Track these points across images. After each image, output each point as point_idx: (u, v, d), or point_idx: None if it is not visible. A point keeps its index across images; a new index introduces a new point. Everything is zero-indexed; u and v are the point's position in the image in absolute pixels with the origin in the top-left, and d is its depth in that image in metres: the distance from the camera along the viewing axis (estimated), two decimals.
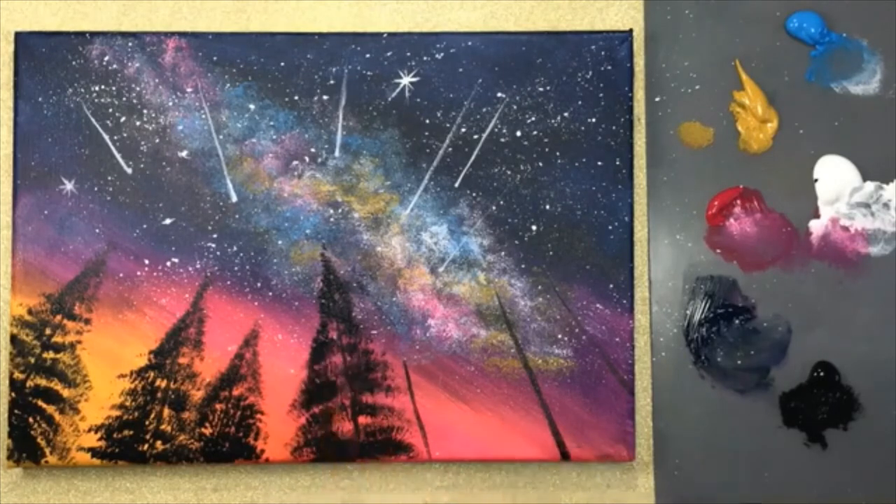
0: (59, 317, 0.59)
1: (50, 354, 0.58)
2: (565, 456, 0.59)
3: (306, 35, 0.60)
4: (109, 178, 0.59)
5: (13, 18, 0.62)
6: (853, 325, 0.61)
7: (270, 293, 0.59)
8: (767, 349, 0.61)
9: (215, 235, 0.59)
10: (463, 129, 0.60)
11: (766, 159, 0.62)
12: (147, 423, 0.58)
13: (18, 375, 0.58)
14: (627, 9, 0.63)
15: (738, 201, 0.62)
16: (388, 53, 0.60)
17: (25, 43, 0.60)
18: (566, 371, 0.59)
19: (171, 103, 0.60)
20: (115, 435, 0.58)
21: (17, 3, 0.62)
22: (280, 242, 0.59)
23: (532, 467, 0.61)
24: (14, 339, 0.58)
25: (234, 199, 0.60)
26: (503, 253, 0.60)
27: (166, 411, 0.58)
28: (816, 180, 0.62)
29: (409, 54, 0.60)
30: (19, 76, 0.60)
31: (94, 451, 0.58)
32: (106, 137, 0.60)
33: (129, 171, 0.60)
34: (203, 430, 0.58)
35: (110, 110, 0.60)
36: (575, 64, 0.60)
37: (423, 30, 0.62)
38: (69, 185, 0.59)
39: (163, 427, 0.58)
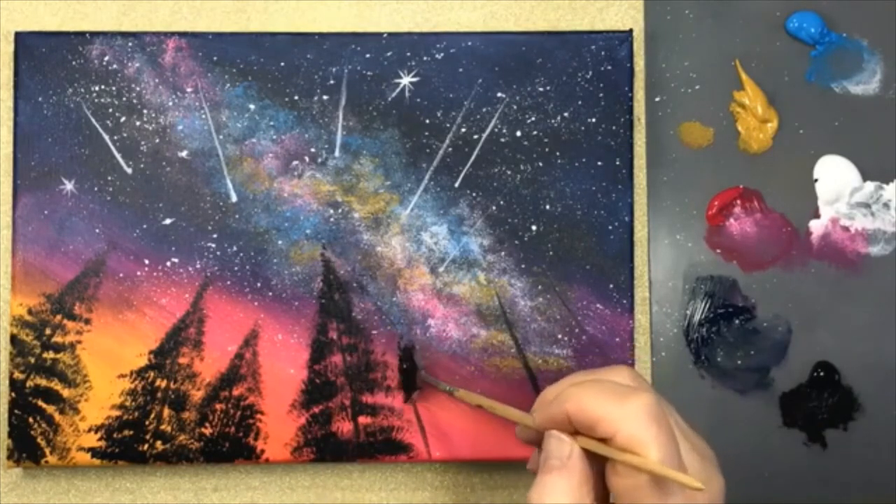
0: (59, 317, 0.59)
1: (50, 354, 0.58)
2: None
3: (306, 35, 0.60)
4: (109, 178, 0.59)
5: (13, 18, 0.62)
6: (853, 325, 0.61)
7: (270, 293, 0.59)
8: (767, 349, 0.61)
9: (215, 235, 0.59)
10: (463, 129, 0.60)
11: (766, 159, 0.62)
12: (147, 423, 0.58)
13: (18, 375, 0.58)
14: (627, 9, 0.63)
15: (738, 201, 0.62)
16: (388, 53, 0.60)
17: (25, 43, 0.60)
18: (566, 371, 0.59)
19: (171, 103, 0.60)
20: (115, 435, 0.58)
21: (17, 3, 0.62)
22: (280, 242, 0.59)
23: None
24: (14, 339, 0.58)
25: (234, 199, 0.60)
26: (503, 253, 0.60)
27: (166, 411, 0.58)
28: (816, 180, 0.62)
29: (409, 54, 0.60)
30: (19, 76, 0.59)
31: (94, 451, 0.58)
32: (106, 137, 0.60)
33: (129, 171, 0.60)
34: (203, 430, 0.58)
35: (110, 110, 0.60)
36: (575, 64, 0.60)
37: (423, 30, 0.62)
38: (69, 185, 0.59)
39: (163, 427, 0.58)
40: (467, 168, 0.60)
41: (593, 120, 0.60)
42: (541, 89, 0.60)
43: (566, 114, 0.60)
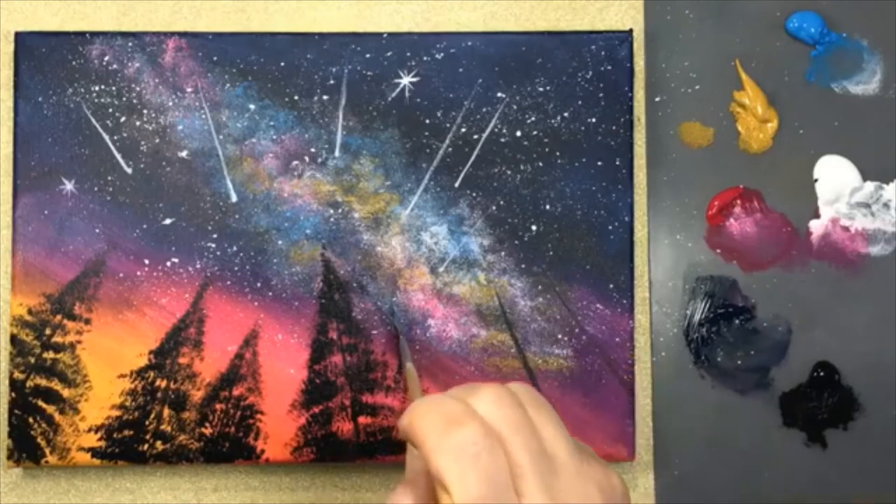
0: (59, 317, 0.59)
1: (50, 354, 0.58)
2: None
3: (306, 35, 0.60)
4: (109, 178, 0.59)
5: (13, 18, 0.62)
6: (853, 325, 0.61)
7: (270, 293, 0.59)
8: (767, 349, 0.61)
9: (215, 235, 0.59)
10: (463, 129, 0.60)
11: (766, 159, 0.62)
12: (147, 423, 0.58)
13: (18, 375, 0.58)
14: (627, 9, 0.63)
15: (738, 201, 0.62)
16: (388, 53, 0.60)
17: (25, 43, 0.60)
18: (566, 371, 0.59)
19: (171, 103, 0.60)
20: (115, 435, 0.58)
21: (17, 3, 0.62)
22: (280, 242, 0.59)
23: None
24: (14, 339, 0.58)
25: (234, 199, 0.60)
26: (503, 253, 0.60)
27: (166, 411, 0.58)
28: (816, 180, 0.62)
29: (409, 54, 0.60)
30: (19, 76, 0.60)
31: (94, 451, 0.58)
32: (106, 137, 0.60)
33: (129, 171, 0.60)
34: (203, 430, 0.58)
35: (110, 110, 0.60)
36: (575, 64, 0.60)
37: (423, 30, 0.62)
38: (69, 185, 0.59)
39: (163, 427, 0.58)
40: (467, 168, 0.60)
41: (593, 120, 0.60)
42: (541, 89, 0.60)
43: (566, 114, 0.60)
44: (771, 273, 0.61)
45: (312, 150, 0.60)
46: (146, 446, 0.58)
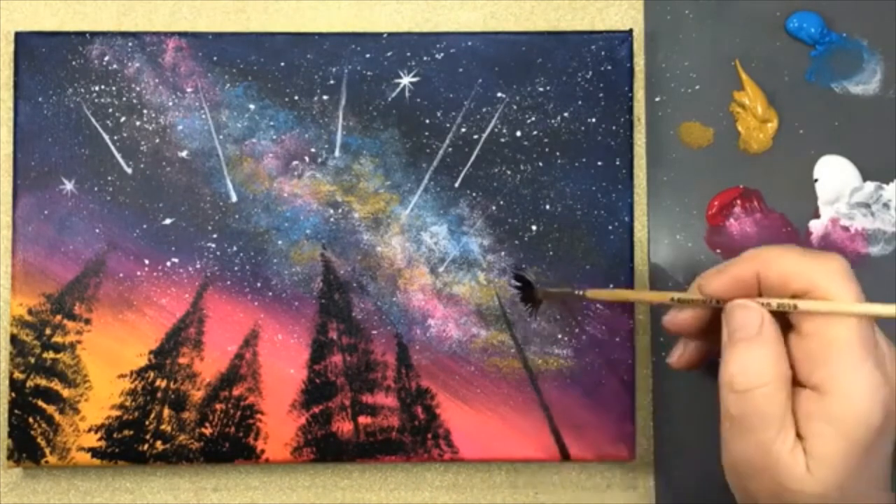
0: (59, 317, 0.59)
1: (50, 354, 0.58)
2: (565, 456, 0.59)
3: (306, 35, 0.60)
4: (109, 178, 0.59)
5: (13, 18, 0.62)
6: None
7: (270, 293, 0.59)
8: None
9: (215, 235, 0.59)
10: (463, 129, 0.60)
11: (766, 159, 0.62)
12: (147, 423, 0.58)
13: (18, 375, 0.58)
14: (627, 9, 0.63)
15: (738, 201, 0.62)
16: (388, 53, 0.60)
17: (25, 43, 0.60)
18: (566, 371, 0.59)
19: (171, 103, 0.60)
20: (115, 435, 0.58)
21: (17, 3, 0.62)
22: (280, 242, 0.59)
23: (532, 467, 0.61)
24: (14, 339, 0.58)
25: (234, 199, 0.60)
26: (503, 253, 0.60)
27: (166, 411, 0.58)
28: (816, 180, 0.62)
29: (409, 54, 0.60)
30: (19, 76, 0.60)
31: (94, 451, 0.58)
32: (106, 137, 0.60)
33: (129, 171, 0.60)
34: (203, 430, 0.58)
35: (110, 110, 0.60)
36: (575, 64, 0.60)
37: (423, 30, 0.62)
38: (69, 185, 0.59)
39: (163, 427, 0.58)
40: (467, 168, 0.60)
41: (593, 120, 0.60)
42: (541, 89, 0.60)
43: (566, 114, 0.60)
44: None
45: (312, 150, 0.60)
46: (146, 446, 0.58)
